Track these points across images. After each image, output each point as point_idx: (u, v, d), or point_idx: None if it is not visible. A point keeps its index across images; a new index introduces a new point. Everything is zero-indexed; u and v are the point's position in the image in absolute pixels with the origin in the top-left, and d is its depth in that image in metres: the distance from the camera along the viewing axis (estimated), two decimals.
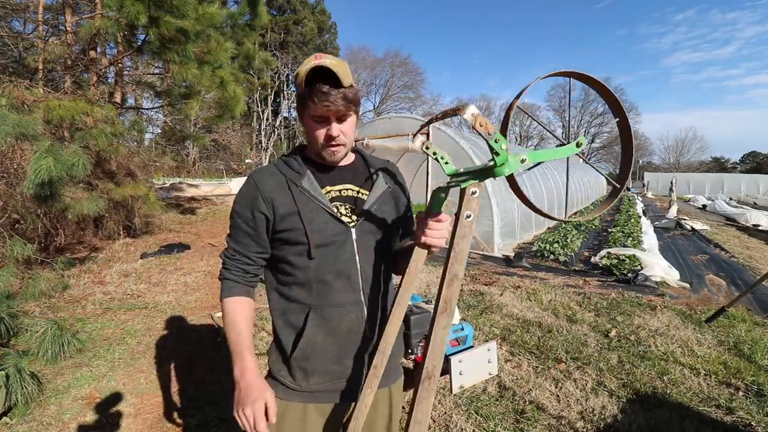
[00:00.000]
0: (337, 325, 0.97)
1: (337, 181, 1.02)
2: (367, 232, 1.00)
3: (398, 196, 1.09)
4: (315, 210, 0.96)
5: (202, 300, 4.28)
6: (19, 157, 4.47)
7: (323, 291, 0.97)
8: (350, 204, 1.00)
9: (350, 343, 0.99)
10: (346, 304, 0.97)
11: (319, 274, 0.96)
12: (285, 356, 0.99)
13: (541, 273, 5.52)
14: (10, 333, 2.63)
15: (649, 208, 15.08)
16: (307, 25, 31.42)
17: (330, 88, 0.86)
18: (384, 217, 1.02)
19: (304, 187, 0.96)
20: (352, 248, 0.97)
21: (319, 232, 0.95)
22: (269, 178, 0.98)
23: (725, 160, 51.75)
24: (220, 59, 5.86)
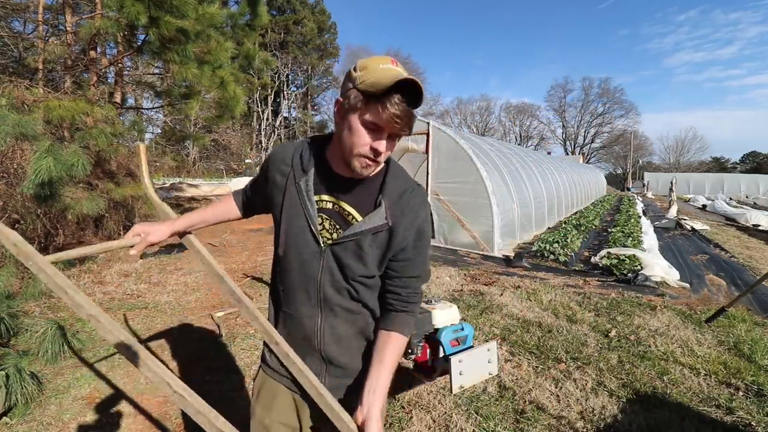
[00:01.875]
0: (295, 330, 1.00)
1: (336, 191, 0.93)
2: (340, 259, 0.92)
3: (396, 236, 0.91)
4: (297, 215, 0.92)
5: (202, 300, 4.28)
6: (19, 157, 4.47)
7: (289, 295, 0.99)
8: (338, 222, 0.92)
9: (304, 349, 0.99)
10: (304, 315, 0.97)
11: (288, 277, 0.98)
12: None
13: (541, 273, 5.52)
14: (10, 333, 2.63)
15: (649, 208, 15.08)
16: (307, 25, 31.42)
17: (408, 105, 0.80)
18: (364, 253, 0.91)
19: (299, 186, 0.92)
20: (318, 267, 0.93)
21: (293, 237, 0.93)
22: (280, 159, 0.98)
23: (725, 160, 51.75)
24: (220, 59, 5.87)
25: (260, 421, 1.04)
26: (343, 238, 0.91)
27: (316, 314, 0.96)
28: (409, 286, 0.98)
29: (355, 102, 0.82)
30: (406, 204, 0.93)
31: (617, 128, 46.95)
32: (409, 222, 0.93)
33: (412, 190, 0.95)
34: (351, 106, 0.83)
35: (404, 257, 0.95)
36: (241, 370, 2.78)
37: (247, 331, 3.46)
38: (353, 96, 0.82)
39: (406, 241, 0.93)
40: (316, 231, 0.91)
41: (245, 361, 2.89)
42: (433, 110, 43.81)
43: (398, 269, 0.96)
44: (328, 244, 0.92)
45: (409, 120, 0.83)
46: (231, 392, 2.52)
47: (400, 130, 0.83)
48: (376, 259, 0.93)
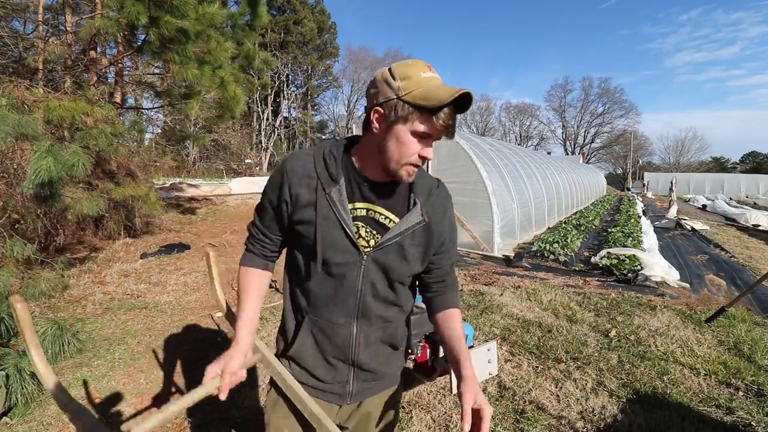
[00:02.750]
0: (326, 339, 0.98)
1: (370, 197, 0.93)
2: (381, 263, 0.93)
3: (435, 229, 0.97)
4: (333, 225, 0.90)
5: (202, 300, 4.28)
6: (19, 157, 4.47)
7: (319, 304, 0.97)
8: (374, 228, 0.92)
9: (335, 356, 0.99)
10: (338, 323, 0.96)
11: (319, 287, 0.95)
12: (283, 346, 1.07)
13: (541, 273, 5.52)
14: (10, 333, 2.63)
15: (649, 208, 15.08)
16: (307, 25, 31.41)
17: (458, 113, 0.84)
18: (406, 252, 0.94)
19: (331, 197, 0.89)
20: (359, 275, 0.93)
21: (330, 249, 0.90)
22: (302, 171, 0.91)
23: (725, 160, 51.74)
24: (220, 59, 5.86)
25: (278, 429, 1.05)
26: (385, 241, 0.92)
27: (352, 323, 0.97)
28: (450, 272, 1.06)
29: (405, 114, 0.81)
30: (436, 199, 0.98)
31: (617, 128, 46.97)
32: (441, 215, 0.98)
33: (438, 186, 1.01)
34: (399, 117, 0.82)
35: (443, 249, 1.01)
36: None
37: None
38: (401, 107, 0.81)
39: (443, 235, 0.99)
40: (355, 240, 0.90)
41: None
42: None
43: (439, 261, 1.02)
44: (367, 251, 0.92)
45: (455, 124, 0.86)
46: (232, 392, 2.51)
47: (449, 136, 0.86)
48: (419, 256, 0.96)
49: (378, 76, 0.85)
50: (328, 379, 1.01)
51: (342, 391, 1.02)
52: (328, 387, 1.02)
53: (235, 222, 9.57)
